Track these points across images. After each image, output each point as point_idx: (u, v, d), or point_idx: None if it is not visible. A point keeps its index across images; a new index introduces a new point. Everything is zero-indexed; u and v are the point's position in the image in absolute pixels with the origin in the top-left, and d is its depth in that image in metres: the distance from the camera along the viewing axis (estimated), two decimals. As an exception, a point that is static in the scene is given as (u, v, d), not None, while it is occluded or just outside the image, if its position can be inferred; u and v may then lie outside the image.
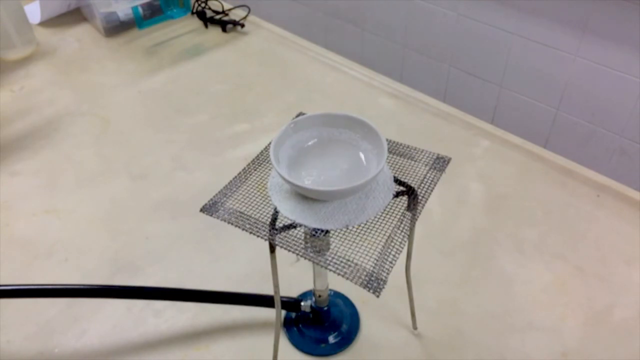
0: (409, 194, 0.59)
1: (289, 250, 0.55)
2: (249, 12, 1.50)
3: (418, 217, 0.59)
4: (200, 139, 1.14)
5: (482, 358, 0.76)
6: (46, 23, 1.52)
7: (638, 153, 0.98)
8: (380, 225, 0.56)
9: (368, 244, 0.54)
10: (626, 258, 0.88)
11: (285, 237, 0.56)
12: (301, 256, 0.55)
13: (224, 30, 1.47)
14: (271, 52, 1.40)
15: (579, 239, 0.92)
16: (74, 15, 1.54)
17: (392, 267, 0.53)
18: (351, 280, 0.51)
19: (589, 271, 0.87)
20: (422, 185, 0.61)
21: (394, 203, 0.58)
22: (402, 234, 0.56)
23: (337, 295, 0.83)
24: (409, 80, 1.27)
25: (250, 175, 0.64)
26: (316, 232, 0.54)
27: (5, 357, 0.77)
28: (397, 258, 0.53)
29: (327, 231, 0.54)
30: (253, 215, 0.58)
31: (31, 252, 0.91)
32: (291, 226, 0.56)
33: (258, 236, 0.56)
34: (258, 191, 0.62)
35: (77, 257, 0.90)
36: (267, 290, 0.80)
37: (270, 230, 0.56)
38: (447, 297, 0.83)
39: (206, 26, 1.50)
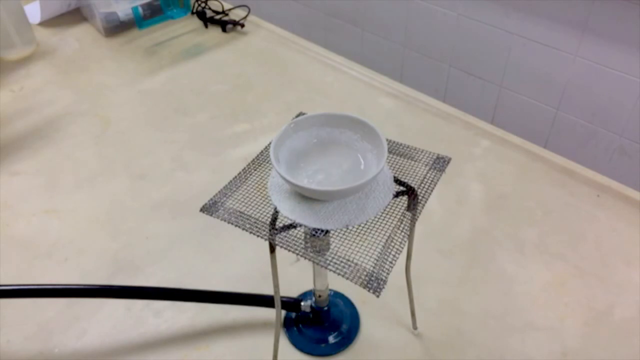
0: (409, 194, 0.59)
1: (289, 250, 0.55)
2: (249, 12, 1.50)
3: (418, 217, 0.59)
4: (200, 138, 1.14)
5: (482, 358, 0.76)
6: (46, 23, 1.52)
7: (638, 153, 0.98)
8: (380, 225, 0.56)
9: (368, 244, 0.54)
10: (626, 258, 0.88)
11: (285, 237, 0.56)
12: (301, 256, 0.55)
13: (224, 30, 1.47)
14: (271, 52, 1.40)
15: (579, 239, 0.92)
16: (74, 15, 1.54)
17: (392, 267, 0.53)
18: (351, 280, 0.51)
19: (589, 271, 0.87)
20: (422, 185, 0.61)
21: (394, 203, 0.58)
22: (402, 234, 0.56)
23: (337, 295, 0.83)
24: (409, 80, 1.27)
25: (250, 175, 0.64)
26: (316, 232, 0.54)
27: (5, 357, 0.77)
28: (397, 258, 0.53)
29: (327, 231, 0.54)
30: (253, 215, 0.58)
31: (31, 252, 0.91)
32: (291, 226, 0.56)
33: (258, 236, 0.56)
34: (258, 191, 0.62)
35: (77, 257, 0.90)
36: (267, 290, 0.80)
37: (270, 230, 0.56)
38: (447, 297, 0.83)
39: (206, 26, 1.50)
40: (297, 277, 0.85)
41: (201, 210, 0.60)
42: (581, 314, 0.81)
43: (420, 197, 0.59)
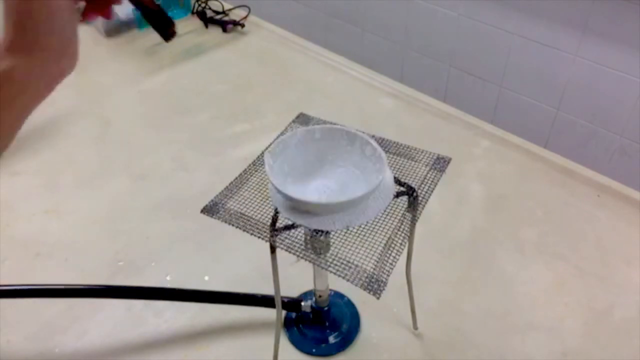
0: (410, 194, 0.59)
1: (290, 252, 0.55)
2: (249, 12, 1.50)
3: (418, 217, 0.59)
4: (201, 139, 1.14)
5: (482, 358, 0.76)
6: (46, 23, 1.51)
7: (638, 153, 0.98)
8: (380, 226, 0.56)
9: (368, 245, 0.54)
10: (626, 258, 0.88)
11: (286, 238, 0.56)
12: (301, 257, 0.55)
13: (224, 30, 1.47)
14: (271, 52, 1.40)
15: (579, 239, 0.92)
16: (74, 15, 1.54)
17: (392, 269, 0.53)
18: (351, 282, 0.52)
19: (589, 271, 0.87)
20: (423, 185, 0.61)
21: (394, 204, 0.58)
22: (403, 235, 0.56)
23: (338, 295, 0.83)
24: (409, 80, 1.27)
25: (251, 176, 0.64)
26: (317, 233, 0.54)
27: (5, 357, 0.77)
28: (398, 259, 0.53)
29: (328, 232, 0.54)
30: (253, 217, 0.58)
31: (31, 252, 0.91)
32: (291, 227, 0.56)
33: (259, 237, 0.56)
34: (258, 192, 0.62)
35: (77, 257, 0.90)
36: (267, 290, 0.80)
37: (270, 231, 0.56)
38: (447, 297, 0.83)
39: (206, 26, 1.49)
40: (297, 277, 0.85)
41: (202, 211, 0.60)
42: (581, 314, 0.81)
43: (420, 198, 0.59)
